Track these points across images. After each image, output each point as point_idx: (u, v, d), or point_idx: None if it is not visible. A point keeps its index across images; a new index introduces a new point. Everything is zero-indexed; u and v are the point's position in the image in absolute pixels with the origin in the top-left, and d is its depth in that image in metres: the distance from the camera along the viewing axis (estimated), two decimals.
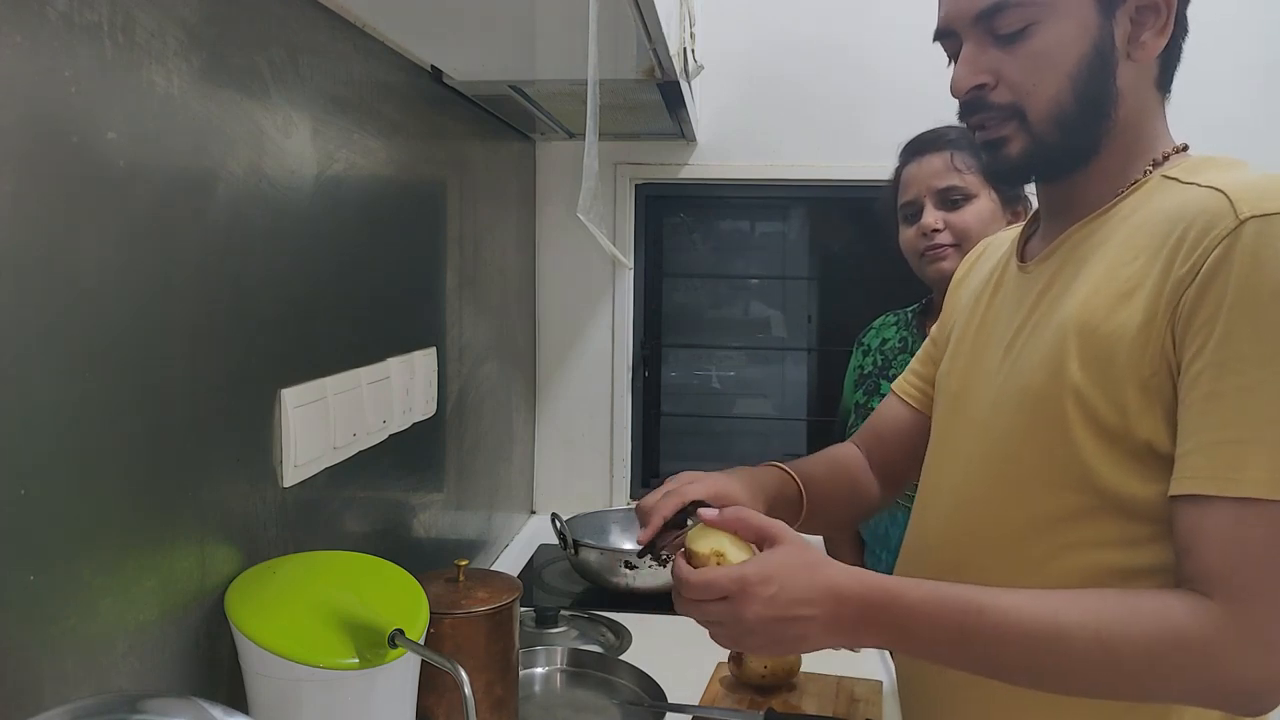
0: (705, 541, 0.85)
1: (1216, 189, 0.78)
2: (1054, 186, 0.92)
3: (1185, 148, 0.89)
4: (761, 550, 0.84)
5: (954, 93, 0.88)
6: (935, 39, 0.91)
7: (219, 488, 0.88)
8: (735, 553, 0.84)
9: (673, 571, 0.85)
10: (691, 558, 0.84)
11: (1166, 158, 0.87)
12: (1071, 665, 0.75)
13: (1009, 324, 0.92)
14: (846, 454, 1.17)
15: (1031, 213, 1.03)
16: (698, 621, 0.85)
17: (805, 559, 0.82)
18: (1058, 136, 0.85)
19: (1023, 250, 0.98)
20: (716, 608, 0.82)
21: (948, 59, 0.92)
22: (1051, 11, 0.83)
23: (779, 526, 0.85)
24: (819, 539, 1.73)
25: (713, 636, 0.85)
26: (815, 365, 2.27)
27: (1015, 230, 1.06)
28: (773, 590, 0.80)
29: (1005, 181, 0.91)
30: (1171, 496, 0.76)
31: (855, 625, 0.81)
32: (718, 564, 0.83)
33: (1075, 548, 0.82)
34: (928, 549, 0.96)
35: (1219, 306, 0.73)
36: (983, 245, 1.14)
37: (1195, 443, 0.74)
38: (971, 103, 0.88)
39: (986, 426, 0.90)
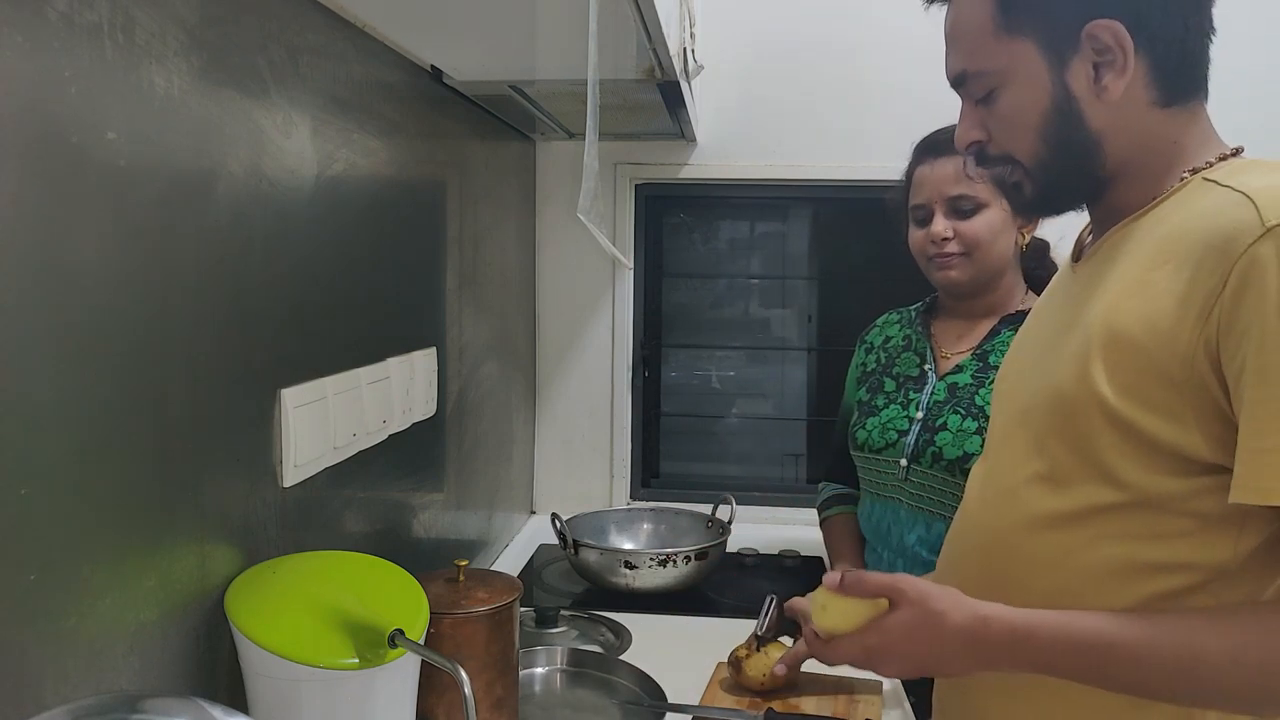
0: (823, 616, 0.92)
1: (1245, 194, 0.77)
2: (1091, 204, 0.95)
3: (1239, 151, 0.88)
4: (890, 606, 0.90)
5: (956, 148, 0.96)
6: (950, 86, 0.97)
7: (219, 488, 0.88)
8: (854, 615, 0.90)
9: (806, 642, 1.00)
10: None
11: (1210, 164, 0.87)
12: (1208, 687, 0.77)
13: (1053, 323, 0.94)
14: None
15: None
16: None
17: (927, 617, 0.86)
18: (1054, 181, 0.91)
19: (1079, 251, 1.00)
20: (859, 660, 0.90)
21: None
22: (1007, 77, 0.88)
23: (900, 585, 0.88)
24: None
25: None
26: (815, 365, 2.27)
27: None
28: (898, 652, 0.87)
29: (1037, 215, 1.01)
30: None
31: (992, 662, 0.85)
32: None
33: (1107, 540, 0.83)
34: (972, 532, 0.98)
35: (1254, 315, 0.73)
36: None
37: (1240, 450, 0.75)
38: (975, 156, 0.95)
39: (1025, 421, 0.92)
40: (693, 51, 1.57)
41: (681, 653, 1.38)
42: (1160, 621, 0.79)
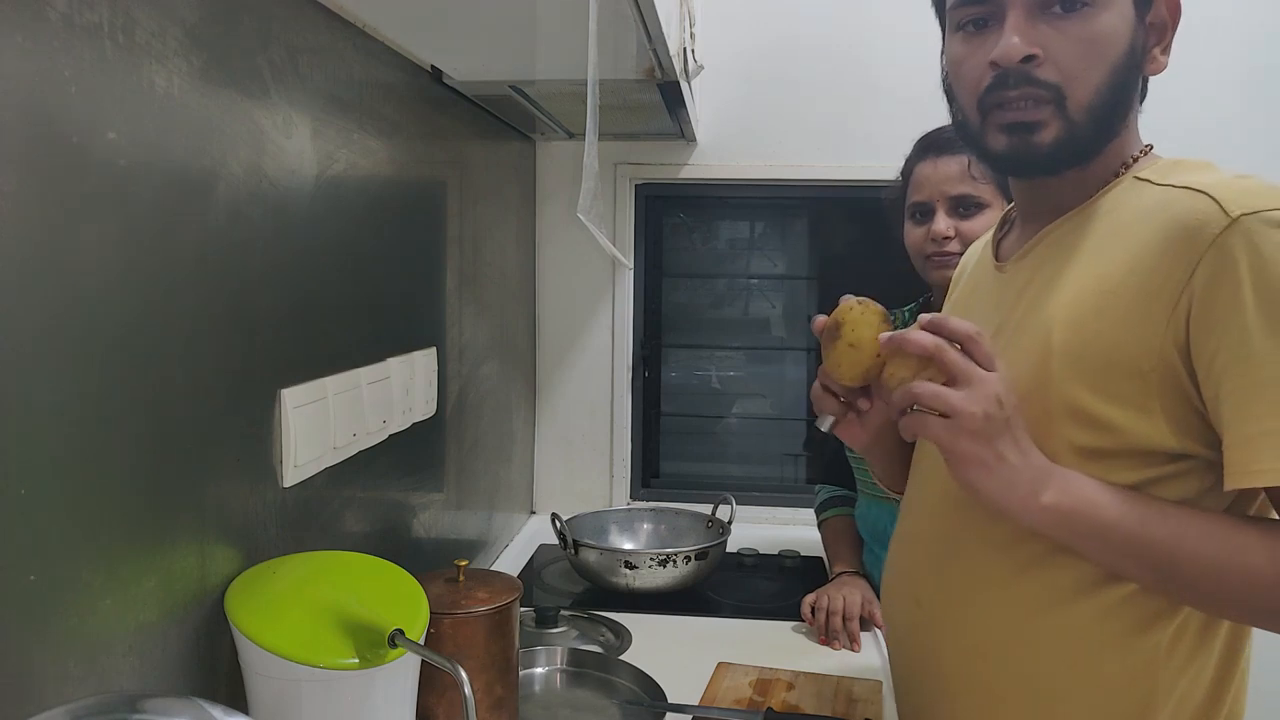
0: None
1: (1198, 190, 0.79)
2: (1037, 185, 0.92)
3: (1150, 148, 0.90)
4: None
5: (1002, 61, 0.83)
6: (961, 3, 0.87)
7: (219, 488, 0.88)
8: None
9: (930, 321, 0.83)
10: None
11: (1135, 160, 0.89)
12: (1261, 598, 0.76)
13: (988, 324, 0.92)
14: None
15: (1004, 213, 1.04)
16: (939, 360, 0.80)
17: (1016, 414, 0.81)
18: (1089, 128, 0.85)
19: (997, 250, 0.99)
20: (967, 370, 0.79)
21: (961, 22, 0.88)
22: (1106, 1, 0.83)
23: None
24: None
25: (921, 387, 0.81)
26: (815, 365, 2.27)
27: (989, 235, 1.07)
28: (1012, 411, 0.79)
29: (1021, 172, 0.90)
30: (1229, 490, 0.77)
31: (1052, 504, 0.79)
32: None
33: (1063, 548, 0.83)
34: (917, 541, 0.97)
35: (1229, 305, 0.74)
36: (963, 260, 1.15)
37: (1233, 437, 0.75)
38: (1015, 74, 0.83)
39: None
40: (693, 51, 1.57)
41: (681, 653, 1.38)
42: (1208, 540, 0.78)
